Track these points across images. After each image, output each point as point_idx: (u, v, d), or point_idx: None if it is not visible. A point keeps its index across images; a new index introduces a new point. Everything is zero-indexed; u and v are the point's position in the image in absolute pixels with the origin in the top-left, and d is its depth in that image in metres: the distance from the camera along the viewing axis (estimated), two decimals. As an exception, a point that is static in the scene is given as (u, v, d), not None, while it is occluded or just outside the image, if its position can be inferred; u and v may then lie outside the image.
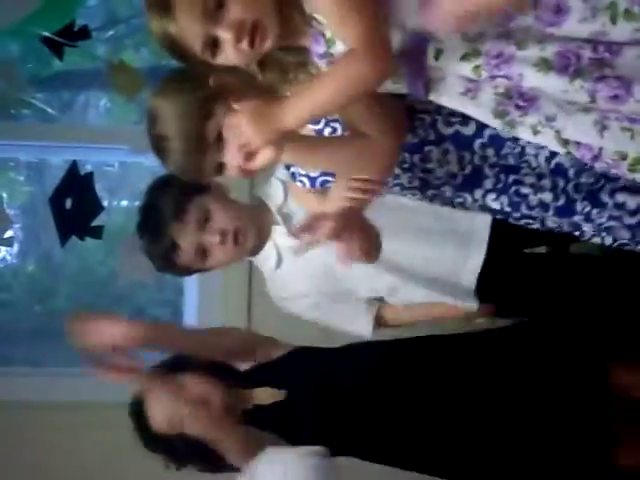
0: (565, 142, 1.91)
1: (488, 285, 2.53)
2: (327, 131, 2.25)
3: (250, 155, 1.93)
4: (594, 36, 1.80)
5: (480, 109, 1.94)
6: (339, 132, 2.26)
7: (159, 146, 2.16)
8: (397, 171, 2.26)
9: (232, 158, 2.10)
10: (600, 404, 2.39)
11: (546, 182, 2.22)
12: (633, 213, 2.18)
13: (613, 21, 1.78)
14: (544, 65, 1.82)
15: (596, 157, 1.92)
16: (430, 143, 2.20)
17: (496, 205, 2.29)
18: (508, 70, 1.85)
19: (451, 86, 1.93)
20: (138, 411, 2.45)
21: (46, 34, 2.94)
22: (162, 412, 2.41)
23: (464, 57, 1.86)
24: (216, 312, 3.41)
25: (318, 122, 2.22)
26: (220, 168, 2.16)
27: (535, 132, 1.93)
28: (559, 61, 1.82)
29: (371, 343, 2.54)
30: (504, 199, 2.26)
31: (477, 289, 2.51)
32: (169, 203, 2.43)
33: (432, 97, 1.97)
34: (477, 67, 1.86)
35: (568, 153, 1.94)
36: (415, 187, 2.31)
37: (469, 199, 2.30)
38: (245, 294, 3.38)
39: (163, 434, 2.41)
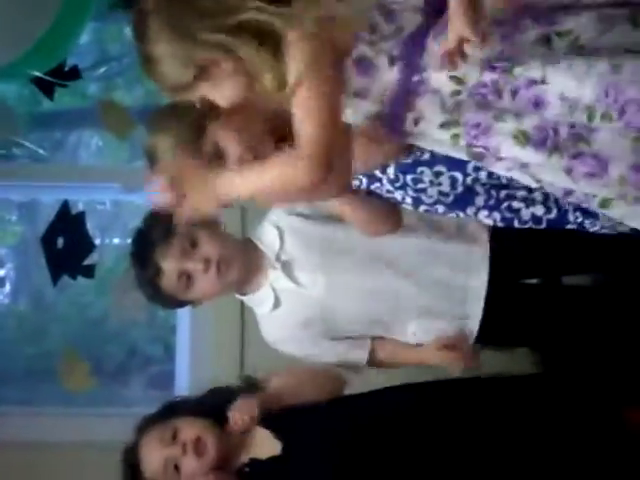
0: (538, 180, 1.94)
1: (489, 315, 2.54)
2: None
3: (180, 200, 1.93)
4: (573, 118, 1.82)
5: (455, 152, 1.96)
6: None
7: None
8: (390, 188, 2.27)
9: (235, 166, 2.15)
10: (616, 449, 2.39)
11: (537, 195, 2.23)
12: None
13: (590, 119, 1.80)
14: (522, 137, 1.84)
15: (567, 194, 1.95)
16: (423, 164, 2.21)
17: (489, 221, 2.30)
18: (486, 141, 1.87)
19: (429, 137, 1.96)
20: (131, 459, 2.45)
21: (37, 74, 2.95)
22: (157, 458, 2.40)
23: (443, 125, 1.89)
24: (208, 350, 3.40)
25: None
26: None
27: (509, 170, 1.95)
28: (537, 134, 1.83)
29: (371, 393, 2.54)
30: (496, 215, 2.27)
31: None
32: (158, 229, 2.46)
33: (410, 141, 2.00)
34: (456, 135, 1.89)
35: (541, 187, 1.97)
36: (408, 204, 2.32)
37: (461, 215, 2.31)
38: (238, 331, 3.37)
39: None
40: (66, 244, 3.05)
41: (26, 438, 3.32)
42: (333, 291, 2.52)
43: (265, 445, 2.42)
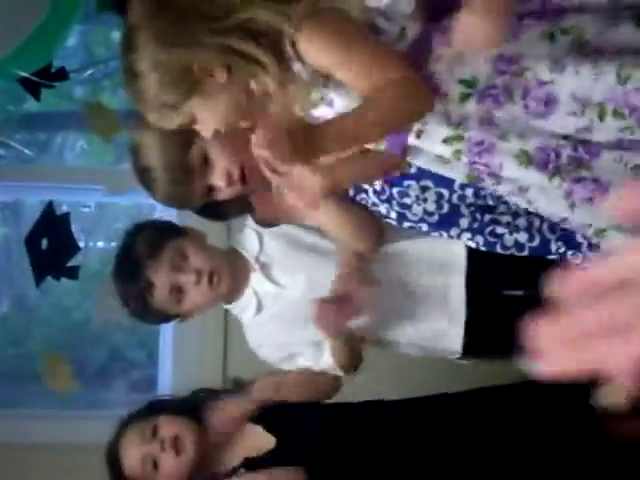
0: (535, 208, 1.93)
1: (472, 326, 2.54)
2: None
3: (305, 195, 1.85)
4: (578, 132, 1.81)
5: (453, 173, 1.95)
6: None
7: (145, 178, 2.19)
8: (375, 200, 2.27)
9: (219, 179, 2.13)
10: (598, 451, 2.40)
11: (522, 221, 2.23)
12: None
13: (601, 118, 1.79)
14: (524, 158, 1.83)
15: (563, 221, 1.95)
16: (410, 177, 2.21)
17: (471, 244, 2.30)
18: (489, 159, 1.85)
19: (428, 154, 1.94)
20: (112, 455, 2.44)
21: (23, 74, 2.94)
22: (136, 454, 2.40)
23: (446, 140, 1.87)
24: (192, 354, 3.39)
25: None
26: (210, 191, 2.18)
27: (508, 194, 1.94)
28: (539, 156, 1.82)
29: (370, 402, 2.55)
30: (479, 239, 2.28)
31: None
32: (144, 244, 2.44)
33: (409, 157, 1.98)
34: (458, 151, 1.86)
35: (527, 214, 1.97)
36: (392, 219, 2.32)
37: (445, 235, 2.31)
38: (221, 337, 3.36)
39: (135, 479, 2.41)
40: (50, 245, 3.03)
41: (7, 440, 3.30)
42: (314, 291, 2.52)
43: (258, 440, 2.42)
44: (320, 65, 1.81)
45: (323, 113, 1.87)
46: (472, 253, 2.52)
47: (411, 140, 1.91)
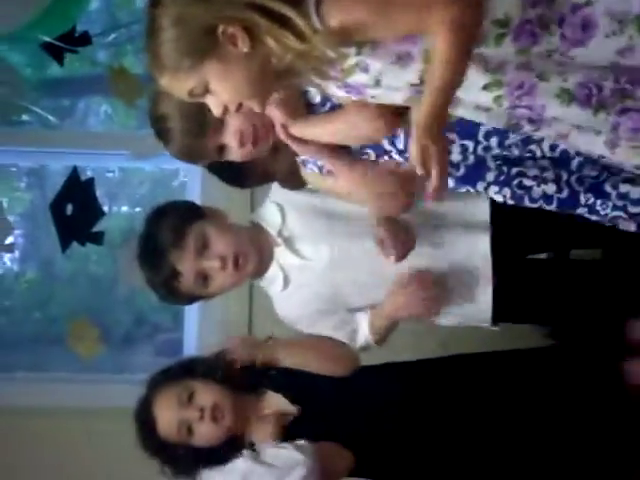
0: (577, 152, 1.92)
1: (497, 291, 2.53)
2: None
3: None
4: (620, 54, 1.78)
5: (493, 120, 1.92)
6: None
7: (160, 127, 2.17)
8: (399, 158, 2.25)
9: (232, 138, 2.11)
10: (618, 419, 2.41)
11: (549, 174, 2.22)
12: (637, 202, 2.18)
13: None
14: (566, 96, 1.80)
15: (603, 157, 1.93)
16: None
17: (499, 197, 2.29)
18: (530, 101, 1.82)
19: (467, 103, 1.91)
20: (145, 414, 2.45)
21: (47, 39, 2.94)
22: (173, 418, 2.41)
23: (486, 87, 1.84)
24: (217, 317, 3.41)
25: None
26: (221, 150, 2.17)
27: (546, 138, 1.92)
28: (580, 92, 1.79)
29: (389, 365, 2.55)
30: (507, 191, 2.26)
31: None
32: (167, 231, 2.43)
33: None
34: (499, 97, 1.83)
35: (578, 154, 1.95)
36: None
37: (471, 190, 2.30)
38: (246, 299, 3.37)
39: (169, 440, 2.42)
40: (75, 211, 3.04)
41: (34, 403, 3.33)
42: (337, 259, 2.51)
43: (281, 407, 2.44)
44: (354, 20, 1.76)
45: (358, 80, 1.84)
46: (496, 217, 2.51)
47: None
